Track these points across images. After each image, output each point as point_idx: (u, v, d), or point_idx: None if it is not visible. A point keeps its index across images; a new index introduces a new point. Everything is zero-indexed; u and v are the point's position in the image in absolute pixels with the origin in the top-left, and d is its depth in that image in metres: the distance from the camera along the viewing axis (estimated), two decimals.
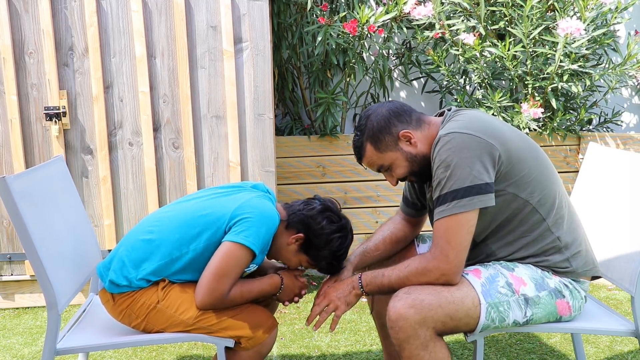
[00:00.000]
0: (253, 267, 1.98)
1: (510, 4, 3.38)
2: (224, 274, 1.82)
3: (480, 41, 3.35)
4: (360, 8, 3.31)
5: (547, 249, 1.84)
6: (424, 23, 3.49)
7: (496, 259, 1.89)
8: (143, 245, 1.90)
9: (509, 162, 1.76)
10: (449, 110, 1.92)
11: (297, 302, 2.07)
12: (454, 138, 1.73)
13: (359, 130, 1.88)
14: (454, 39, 3.47)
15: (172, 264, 1.89)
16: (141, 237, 1.92)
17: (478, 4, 3.39)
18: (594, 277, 1.96)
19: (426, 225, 3.88)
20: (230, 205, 1.86)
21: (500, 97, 3.40)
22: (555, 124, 3.52)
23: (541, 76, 3.45)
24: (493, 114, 3.47)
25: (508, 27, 3.43)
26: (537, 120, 3.43)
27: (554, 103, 3.41)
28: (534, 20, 3.28)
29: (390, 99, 1.83)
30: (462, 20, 3.48)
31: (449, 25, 3.46)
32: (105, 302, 1.95)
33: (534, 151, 1.85)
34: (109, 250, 3.10)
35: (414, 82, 3.99)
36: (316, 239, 1.93)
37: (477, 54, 3.42)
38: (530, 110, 3.30)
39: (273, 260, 2.11)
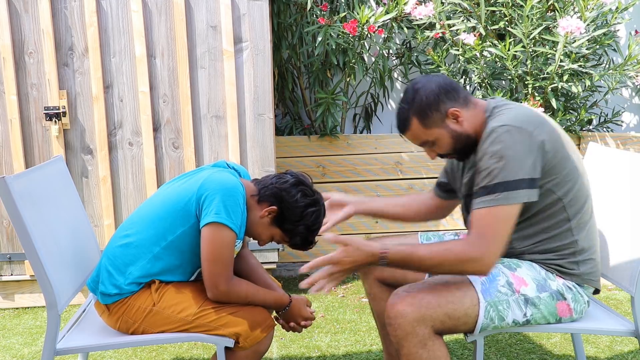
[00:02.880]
0: (239, 243, 1.96)
1: (510, 4, 3.38)
2: (216, 259, 1.83)
3: (480, 41, 3.35)
4: (360, 8, 3.31)
5: (562, 249, 1.84)
6: (424, 23, 3.49)
7: (511, 250, 1.88)
8: (122, 250, 1.91)
9: (554, 158, 1.76)
10: (492, 99, 1.91)
11: (298, 330, 2.06)
12: (510, 131, 1.72)
13: (405, 103, 1.85)
14: (454, 39, 3.47)
15: (156, 260, 1.89)
16: (119, 243, 1.93)
17: (478, 4, 3.38)
18: (595, 291, 1.96)
19: (427, 226, 3.88)
20: (193, 188, 1.86)
21: (501, 97, 3.39)
22: None
23: (541, 76, 3.45)
24: None
25: (508, 27, 3.43)
26: None
27: (554, 103, 3.41)
28: (534, 20, 3.28)
29: (438, 73, 1.82)
30: (462, 20, 3.48)
31: (449, 25, 3.46)
32: (101, 313, 1.97)
33: (576, 152, 1.86)
34: None
35: None
36: (290, 213, 1.91)
37: (477, 54, 3.42)
38: None
39: (301, 296, 2.09)
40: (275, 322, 2.03)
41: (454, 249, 1.71)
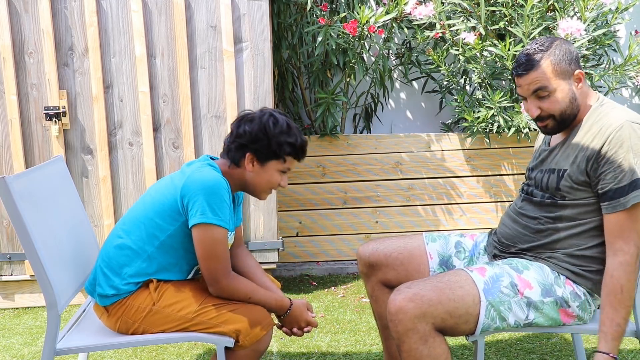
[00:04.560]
0: (230, 235, 1.97)
1: (511, 4, 3.38)
2: (210, 256, 1.84)
3: (480, 41, 3.35)
4: (360, 8, 3.31)
5: (597, 253, 1.84)
6: (425, 23, 3.49)
7: (550, 232, 1.88)
8: (116, 251, 1.92)
9: None
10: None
11: (298, 335, 2.04)
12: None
13: (541, 46, 1.84)
14: (454, 39, 3.47)
15: (151, 260, 1.90)
16: (113, 244, 1.94)
17: (478, 4, 3.38)
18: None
19: (427, 226, 3.88)
20: (177, 189, 1.87)
21: (500, 97, 3.39)
22: None
23: None
24: (493, 114, 3.48)
25: (508, 27, 3.43)
26: None
27: None
28: (534, 20, 3.28)
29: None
30: (462, 20, 3.48)
31: (449, 25, 3.46)
32: (101, 315, 1.97)
33: None
34: None
35: (414, 82, 3.99)
36: (259, 143, 1.89)
37: (477, 54, 3.42)
38: None
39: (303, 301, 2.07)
40: (278, 329, 2.04)
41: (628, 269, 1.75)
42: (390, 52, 3.85)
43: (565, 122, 1.87)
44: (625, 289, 1.74)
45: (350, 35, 3.37)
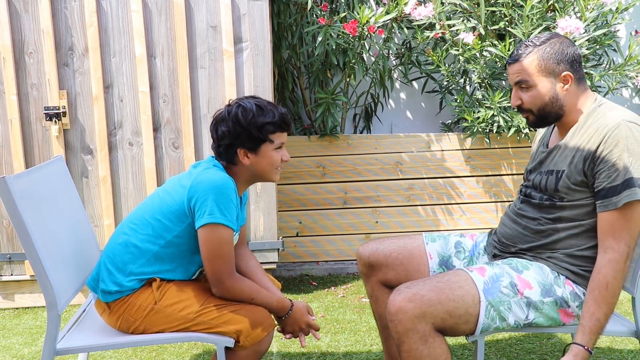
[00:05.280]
0: (236, 236, 1.98)
1: (511, 4, 3.38)
2: (216, 256, 1.84)
3: (480, 41, 3.35)
4: (360, 8, 3.31)
5: (597, 253, 1.83)
6: (424, 23, 3.49)
7: (549, 233, 1.89)
8: (122, 248, 1.92)
9: None
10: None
11: (297, 337, 2.04)
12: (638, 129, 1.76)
13: (536, 41, 1.86)
14: (454, 39, 3.47)
15: (156, 259, 1.91)
16: (119, 241, 1.94)
17: (478, 4, 3.38)
18: None
19: (428, 226, 3.88)
20: (184, 190, 1.88)
21: (500, 98, 3.39)
22: None
23: None
24: (493, 115, 3.48)
25: (508, 27, 3.43)
26: None
27: None
28: (534, 20, 3.28)
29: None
30: (462, 21, 3.48)
31: (449, 26, 3.46)
32: (102, 312, 1.97)
33: None
34: None
35: (414, 82, 4.00)
36: (242, 136, 1.89)
37: (477, 54, 3.42)
38: None
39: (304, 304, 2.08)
40: (279, 332, 2.04)
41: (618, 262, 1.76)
42: (390, 52, 3.85)
43: (545, 118, 1.89)
44: (611, 287, 1.75)
45: (350, 35, 3.37)
